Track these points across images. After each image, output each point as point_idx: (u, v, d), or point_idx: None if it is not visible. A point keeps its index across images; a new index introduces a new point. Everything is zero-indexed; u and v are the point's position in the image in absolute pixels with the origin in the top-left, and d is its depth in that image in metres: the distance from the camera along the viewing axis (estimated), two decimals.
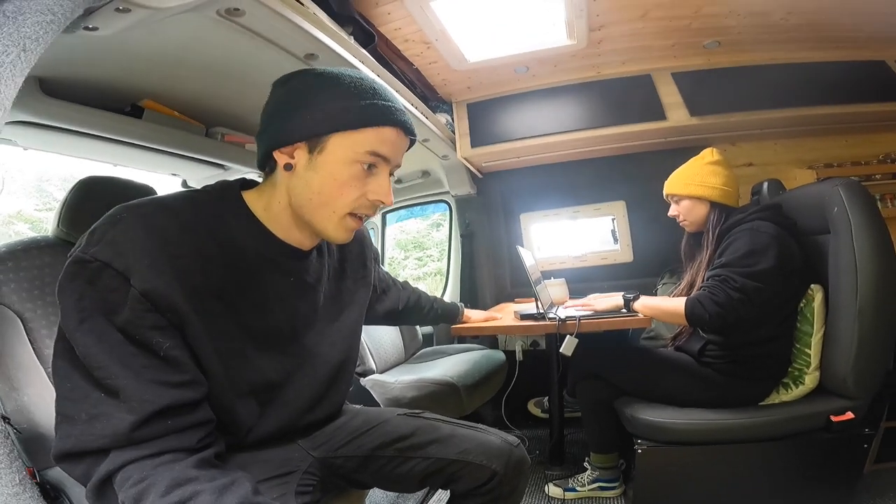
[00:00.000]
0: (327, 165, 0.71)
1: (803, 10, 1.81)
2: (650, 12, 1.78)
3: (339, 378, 0.92)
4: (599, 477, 1.66)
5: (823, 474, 1.39)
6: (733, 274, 1.35)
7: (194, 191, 0.75)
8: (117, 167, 1.76)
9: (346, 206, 0.73)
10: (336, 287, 0.91)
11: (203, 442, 0.65)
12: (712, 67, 2.21)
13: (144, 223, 0.63)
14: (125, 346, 0.59)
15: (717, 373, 1.45)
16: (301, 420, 0.86)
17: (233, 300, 0.71)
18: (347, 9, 1.36)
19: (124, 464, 0.58)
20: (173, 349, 0.63)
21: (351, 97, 0.70)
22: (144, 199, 0.68)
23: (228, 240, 0.71)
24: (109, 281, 0.59)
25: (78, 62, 1.12)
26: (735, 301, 1.33)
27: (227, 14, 0.96)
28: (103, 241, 0.60)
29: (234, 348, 0.72)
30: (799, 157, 2.48)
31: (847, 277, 1.32)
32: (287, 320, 0.79)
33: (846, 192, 1.34)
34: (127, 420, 0.58)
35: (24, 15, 0.56)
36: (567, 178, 2.71)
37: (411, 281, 1.42)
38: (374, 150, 0.71)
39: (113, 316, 0.59)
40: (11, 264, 1.08)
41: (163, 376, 0.61)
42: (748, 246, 1.36)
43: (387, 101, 0.73)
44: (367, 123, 0.70)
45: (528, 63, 2.11)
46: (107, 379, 0.59)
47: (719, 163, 1.57)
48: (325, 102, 0.70)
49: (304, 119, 0.70)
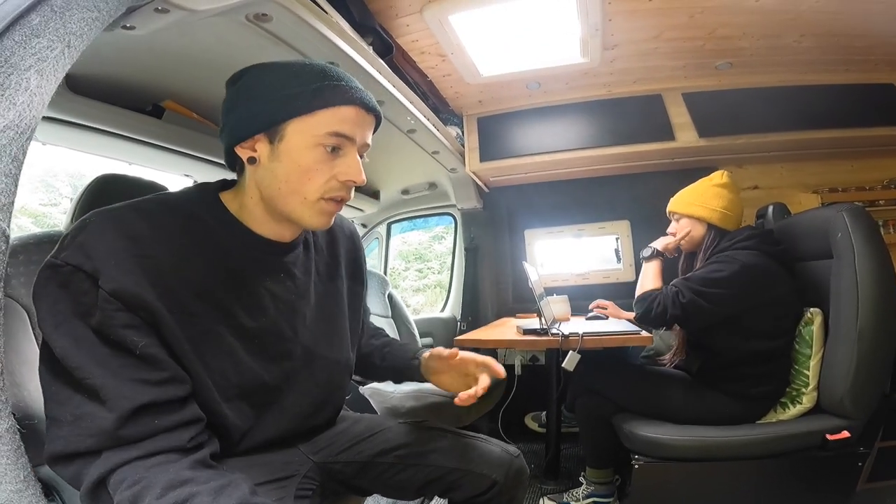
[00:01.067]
0: (289, 153, 0.71)
1: (816, 32, 1.84)
2: (664, 33, 1.82)
3: (339, 380, 0.92)
4: (595, 492, 1.66)
5: (817, 492, 1.40)
6: (685, 289, 1.43)
7: (169, 193, 0.76)
8: (132, 166, 1.79)
9: (316, 190, 0.72)
10: (330, 285, 0.90)
11: (195, 441, 0.65)
12: (723, 89, 2.24)
13: (113, 225, 0.64)
14: (100, 346, 0.60)
15: (716, 391, 1.47)
16: (302, 425, 0.86)
17: (218, 300, 0.71)
18: (368, 19, 1.40)
19: (117, 465, 0.58)
20: (149, 347, 0.63)
21: (302, 83, 0.70)
22: (117, 204, 0.68)
23: (207, 239, 0.71)
24: (80, 284, 0.60)
25: (106, 60, 1.15)
26: (671, 316, 1.44)
27: (256, 19, 0.99)
28: (73, 245, 0.61)
29: (220, 350, 0.71)
30: (804, 181, 2.51)
31: (848, 301, 1.34)
32: (281, 319, 0.78)
33: (850, 217, 1.36)
34: (109, 418, 0.58)
35: (70, 11, 0.58)
36: (573, 196, 2.73)
37: (411, 293, 1.42)
38: (333, 131, 0.71)
39: (87, 318, 0.60)
40: (23, 258, 1.06)
41: (140, 374, 0.61)
42: (714, 272, 1.42)
43: (339, 81, 0.72)
44: (321, 105, 0.70)
45: (540, 79, 2.15)
46: (86, 379, 0.59)
47: (726, 186, 1.59)
48: (278, 91, 0.70)
49: (259, 110, 0.70)
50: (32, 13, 0.55)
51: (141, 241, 0.64)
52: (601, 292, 2.64)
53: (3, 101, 0.55)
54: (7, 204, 0.58)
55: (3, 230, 0.58)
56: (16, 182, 0.59)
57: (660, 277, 1.62)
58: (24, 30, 0.55)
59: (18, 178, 0.59)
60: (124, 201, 0.69)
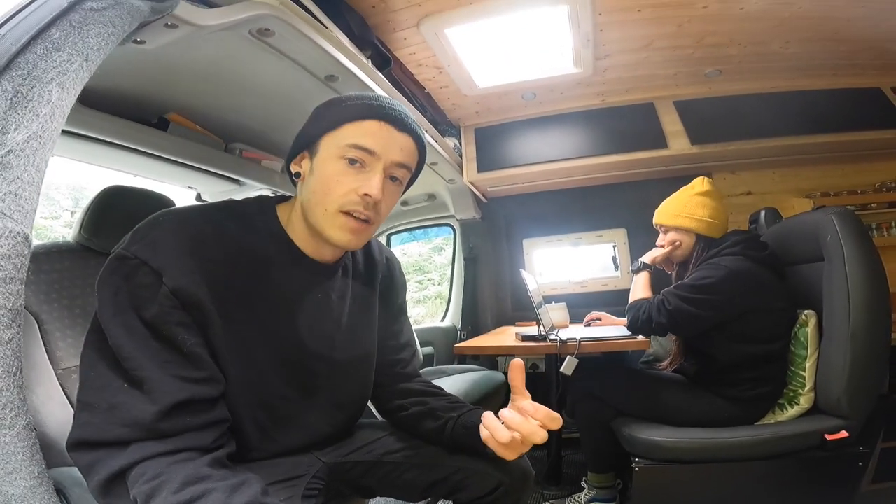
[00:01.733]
0: (319, 165, 0.75)
1: (800, 38, 1.88)
2: (654, 42, 1.87)
3: (360, 403, 0.94)
4: (596, 496, 1.66)
5: (820, 493, 1.41)
6: (672, 297, 1.45)
7: (233, 201, 0.80)
8: (137, 178, 1.81)
9: (335, 201, 0.73)
10: (362, 315, 0.91)
11: (217, 442, 0.67)
12: (714, 96, 2.28)
13: (182, 227, 0.68)
14: (152, 340, 0.62)
15: (714, 394, 1.48)
16: (316, 440, 0.87)
17: (258, 311, 0.73)
18: (367, 33, 1.44)
19: (142, 459, 0.59)
20: (196, 346, 0.65)
21: (339, 102, 0.76)
22: (187, 206, 0.73)
23: (254, 250, 0.74)
24: (144, 277, 0.62)
25: (114, 73, 1.17)
26: (656, 324, 1.46)
27: (259, 34, 1.03)
28: (144, 241, 0.64)
29: (251, 358, 0.73)
30: (796, 186, 2.54)
31: (840, 302, 1.36)
32: (312, 339, 0.80)
33: (839, 220, 1.39)
34: (150, 410, 0.60)
35: (88, 26, 0.62)
36: (570, 205, 2.76)
37: (411, 304, 1.42)
38: (353, 143, 0.73)
39: (143, 311, 0.62)
40: (32, 266, 1.08)
41: (184, 371, 0.64)
42: (700, 279, 1.45)
43: (369, 100, 0.75)
44: (347, 119, 0.74)
45: (535, 90, 2.20)
46: (134, 370, 0.61)
47: (708, 193, 1.61)
48: (322, 114, 0.77)
49: (307, 131, 0.77)
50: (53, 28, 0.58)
51: (204, 244, 0.68)
52: (600, 300, 2.66)
53: (28, 113, 0.59)
54: (30, 211, 0.61)
55: (26, 235, 0.61)
56: (38, 191, 0.62)
57: (649, 288, 1.65)
58: (46, 44, 0.58)
59: (41, 187, 0.63)
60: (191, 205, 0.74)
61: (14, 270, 0.59)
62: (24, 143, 0.58)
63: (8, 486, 0.57)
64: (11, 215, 0.58)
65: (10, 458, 0.58)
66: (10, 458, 0.58)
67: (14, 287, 0.59)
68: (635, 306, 1.55)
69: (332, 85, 1.31)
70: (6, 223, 0.57)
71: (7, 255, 0.58)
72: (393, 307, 1.00)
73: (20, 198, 0.59)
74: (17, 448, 0.58)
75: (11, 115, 0.57)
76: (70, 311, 1.11)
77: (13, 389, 0.59)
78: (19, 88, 0.57)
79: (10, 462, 0.57)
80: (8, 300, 0.58)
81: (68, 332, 1.10)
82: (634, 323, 1.53)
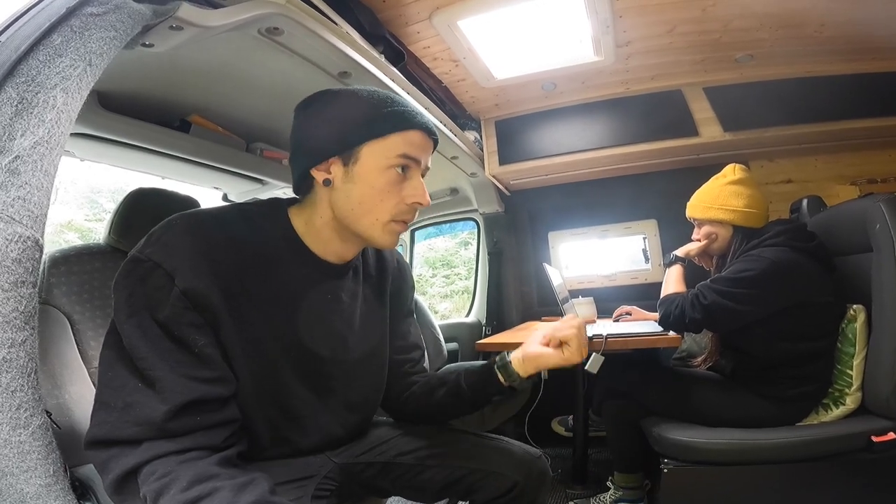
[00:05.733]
0: (364, 175, 0.74)
1: (836, 21, 1.77)
2: (678, 27, 1.78)
3: (373, 404, 0.94)
4: (623, 497, 1.61)
5: (865, 498, 1.32)
6: (708, 291, 1.37)
7: (246, 203, 0.81)
8: (165, 180, 1.87)
9: (387, 211, 0.76)
10: (374, 314, 0.92)
11: (228, 441, 0.68)
12: (746, 81, 2.16)
13: (195, 229, 0.69)
14: (165, 340, 0.63)
15: (753, 393, 1.40)
16: (329, 441, 0.87)
17: (269, 312, 0.74)
18: (378, 28, 1.42)
19: (153, 457, 0.61)
20: (207, 347, 0.66)
21: (373, 107, 0.75)
22: (199, 209, 0.74)
23: (265, 252, 0.74)
24: (158, 279, 0.63)
25: (134, 77, 1.21)
26: (690, 319, 1.38)
27: (268, 33, 1.03)
28: (158, 243, 0.66)
29: (264, 359, 0.74)
30: (840, 173, 2.39)
31: (890, 295, 1.27)
32: (324, 340, 0.81)
33: (888, 208, 1.30)
34: (160, 409, 0.61)
35: (89, 30, 0.63)
36: (596, 196, 2.69)
37: (438, 299, 1.42)
38: (404, 153, 0.75)
39: (157, 312, 0.63)
40: (64, 268, 1.14)
41: (195, 372, 0.65)
42: (740, 271, 1.36)
43: (406, 107, 0.77)
44: (393, 129, 0.74)
45: (555, 80, 2.14)
46: (147, 370, 0.62)
47: (742, 181, 1.51)
48: (351, 116, 0.74)
49: (335, 134, 0.74)
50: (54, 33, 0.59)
51: (216, 246, 0.69)
52: (629, 293, 2.58)
53: (33, 119, 0.60)
54: (41, 215, 0.63)
55: (37, 239, 0.62)
56: (48, 195, 0.64)
57: (682, 282, 1.57)
58: (48, 50, 0.59)
59: (51, 192, 0.64)
60: (204, 208, 0.76)
61: (25, 274, 0.60)
62: (32, 149, 0.59)
63: (23, 485, 0.59)
64: (21, 220, 0.59)
65: (26, 456, 0.59)
66: (26, 457, 0.59)
67: (25, 290, 0.60)
68: (668, 301, 1.48)
69: (345, 81, 1.30)
70: (16, 228, 0.59)
71: (18, 260, 0.59)
72: (403, 308, 1.00)
73: (29, 203, 0.60)
74: (32, 447, 0.60)
75: (17, 122, 0.58)
76: (102, 310, 1.15)
77: (28, 390, 0.60)
78: (24, 95, 0.58)
79: (25, 461, 0.59)
80: (20, 303, 0.60)
81: (100, 331, 1.14)
82: (666, 318, 1.46)
